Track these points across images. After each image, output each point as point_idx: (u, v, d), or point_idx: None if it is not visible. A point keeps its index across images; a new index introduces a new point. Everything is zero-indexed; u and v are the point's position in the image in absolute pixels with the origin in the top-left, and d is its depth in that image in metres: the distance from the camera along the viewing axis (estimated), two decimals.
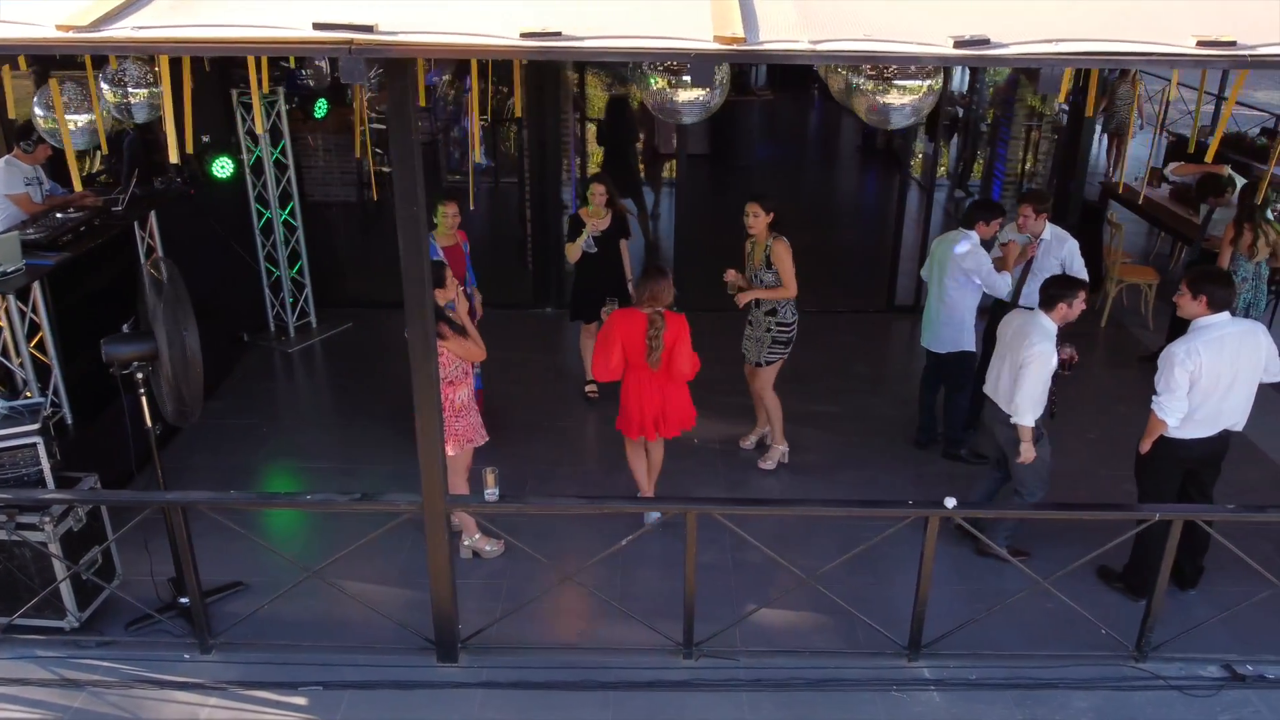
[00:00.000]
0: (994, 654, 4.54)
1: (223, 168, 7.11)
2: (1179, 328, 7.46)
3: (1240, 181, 7.34)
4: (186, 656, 4.55)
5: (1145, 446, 4.85)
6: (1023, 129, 8.69)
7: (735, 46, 2.95)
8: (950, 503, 4.23)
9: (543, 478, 6.09)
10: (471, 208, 6.66)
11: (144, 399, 4.43)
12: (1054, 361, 4.88)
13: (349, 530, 4.84)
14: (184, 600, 4.64)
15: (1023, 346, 4.87)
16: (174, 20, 3.08)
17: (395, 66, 3.39)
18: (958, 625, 4.51)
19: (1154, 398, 4.69)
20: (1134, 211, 9.52)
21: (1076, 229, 8.33)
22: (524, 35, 2.97)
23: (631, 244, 6.87)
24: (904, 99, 4.08)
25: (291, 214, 7.87)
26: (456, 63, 9.19)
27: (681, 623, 4.51)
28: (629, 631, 4.64)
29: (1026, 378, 4.84)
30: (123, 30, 2.98)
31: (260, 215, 7.68)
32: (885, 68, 3.73)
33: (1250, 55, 2.92)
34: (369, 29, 2.97)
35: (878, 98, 4.09)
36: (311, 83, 7.46)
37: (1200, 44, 2.93)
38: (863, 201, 12.89)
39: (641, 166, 11.19)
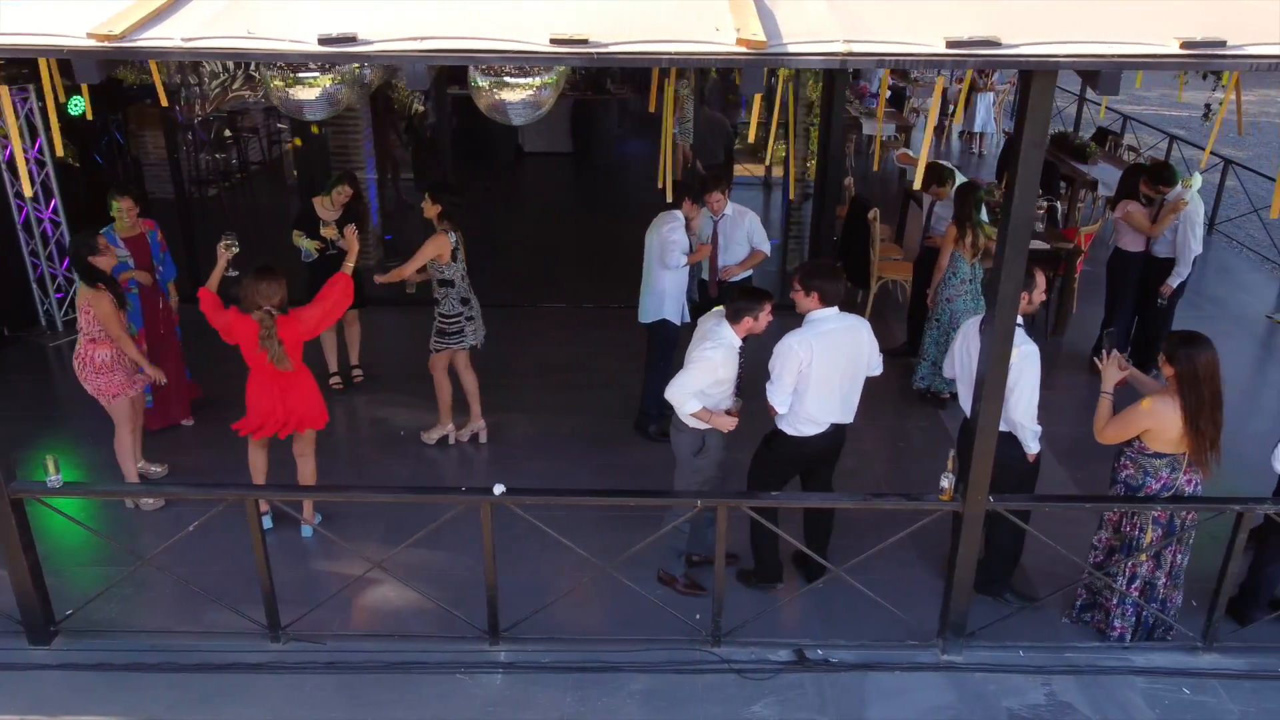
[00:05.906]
0: (572, 638, 4.66)
1: None
2: (915, 322, 7.60)
3: (961, 178, 7.41)
4: None
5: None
6: (803, 128, 8.79)
7: (111, 44, 3.05)
8: (499, 489, 4.34)
9: (233, 469, 6.19)
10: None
11: None
12: (720, 373, 4.66)
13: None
14: None
15: (698, 346, 4.69)
16: None
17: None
18: (533, 611, 4.63)
19: (766, 385, 4.76)
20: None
21: (847, 227, 8.48)
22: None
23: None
24: (519, 95, 4.22)
25: (55, 211, 7.98)
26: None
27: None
28: (230, 617, 4.74)
29: (688, 372, 4.66)
30: None
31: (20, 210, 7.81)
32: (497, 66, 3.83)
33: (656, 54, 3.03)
34: None
35: (495, 95, 4.22)
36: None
37: (553, 41, 3.04)
38: None
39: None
